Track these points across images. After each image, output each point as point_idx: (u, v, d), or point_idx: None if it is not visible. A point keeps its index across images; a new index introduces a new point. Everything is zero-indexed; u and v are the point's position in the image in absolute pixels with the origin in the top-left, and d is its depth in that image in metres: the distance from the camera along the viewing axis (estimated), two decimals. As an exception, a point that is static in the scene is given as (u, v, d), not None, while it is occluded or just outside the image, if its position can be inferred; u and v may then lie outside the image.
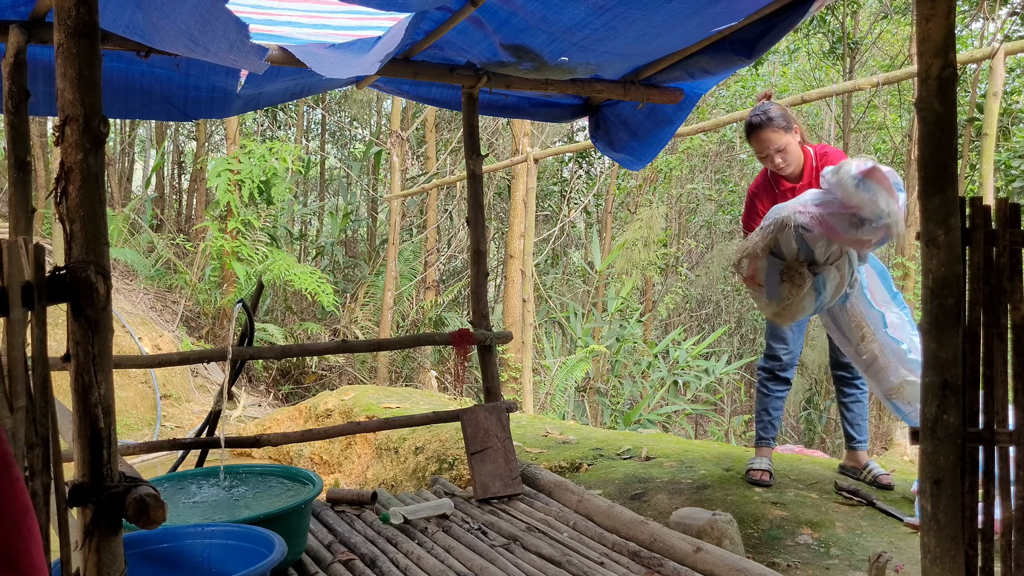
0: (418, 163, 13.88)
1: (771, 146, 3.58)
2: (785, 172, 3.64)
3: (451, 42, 3.52)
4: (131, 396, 8.03)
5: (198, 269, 11.04)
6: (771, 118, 3.57)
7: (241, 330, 3.74)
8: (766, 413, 3.96)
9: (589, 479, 4.12)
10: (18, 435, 1.50)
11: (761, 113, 3.60)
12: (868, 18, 12.37)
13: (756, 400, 4.01)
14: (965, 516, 1.85)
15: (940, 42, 1.83)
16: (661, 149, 4.54)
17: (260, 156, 10.44)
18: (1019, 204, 1.92)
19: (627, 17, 3.06)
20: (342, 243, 14.32)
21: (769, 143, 3.58)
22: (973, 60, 5.36)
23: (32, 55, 3.10)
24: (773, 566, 3.06)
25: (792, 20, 3.17)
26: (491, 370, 3.99)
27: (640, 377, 9.83)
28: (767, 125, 3.57)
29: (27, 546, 1.00)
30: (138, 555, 2.36)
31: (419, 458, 5.17)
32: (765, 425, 3.96)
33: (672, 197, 14.49)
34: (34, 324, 1.58)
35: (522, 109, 4.40)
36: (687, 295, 13.80)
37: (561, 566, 2.75)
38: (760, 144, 3.60)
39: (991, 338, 1.90)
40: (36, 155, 10.74)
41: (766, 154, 3.61)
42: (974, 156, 8.52)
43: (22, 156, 2.98)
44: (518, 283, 8.52)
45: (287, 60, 3.23)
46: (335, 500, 3.53)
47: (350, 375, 11.06)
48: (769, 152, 3.59)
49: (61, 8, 1.62)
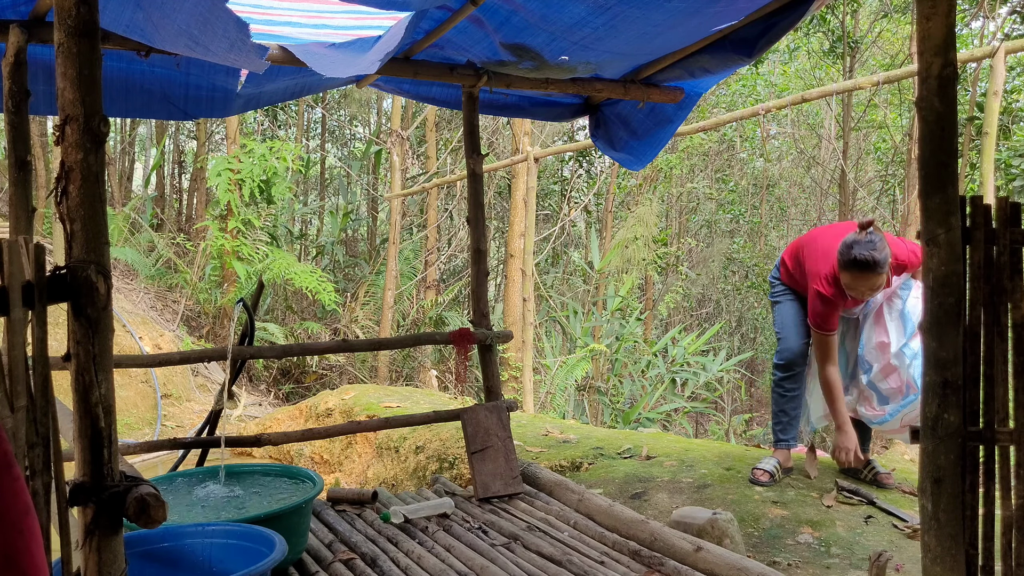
0: (418, 162, 13.88)
1: (869, 287, 3.42)
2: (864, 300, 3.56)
3: (451, 41, 3.51)
4: (132, 395, 8.03)
5: (198, 268, 11.04)
6: (879, 263, 3.35)
7: (242, 329, 3.74)
8: (784, 414, 3.90)
9: (589, 478, 4.12)
10: (19, 434, 1.50)
11: (869, 255, 3.34)
12: (868, 17, 12.37)
13: (772, 401, 3.97)
14: (966, 515, 1.84)
15: (940, 41, 1.83)
16: (661, 148, 4.54)
17: (260, 155, 10.43)
18: (1019, 203, 1.92)
19: (627, 16, 3.06)
20: (342, 242, 14.32)
21: (869, 287, 3.42)
22: (973, 59, 5.36)
23: (32, 54, 3.10)
24: (774, 565, 3.06)
25: (792, 19, 3.17)
26: (491, 369, 3.99)
27: (639, 376, 9.83)
28: (876, 270, 3.36)
29: (28, 545, 1.00)
30: (139, 554, 2.36)
31: (420, 457, 5.17)
32: (784, 427, 3.91)
33: (672, 196, 14.49)
34: (35, 324, 1.58)
35: (522, 108, 4.40)
36: (687, 294, 13.81)
37: (562, 565, 2.75)
38: (858, 282, 3.40)
39: (992, 337, 1.90)
40: (36, 154, 10.74)
41: (858, 289, 3.44)
42: (974, 155, 8.52)
43: (22, 155, 2.98)
44: (518, 282, 8.52)
45: (287, 59, 3.23)
46: (336, 499, 3.53)
47: (351, 374, 11.06)
48: (863, 289, 3.43)
49: (61, 7, 1.62)
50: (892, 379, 3.59)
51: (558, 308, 11.53)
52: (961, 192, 1.86)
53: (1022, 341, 1.89)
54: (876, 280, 3.40)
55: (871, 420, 3.70)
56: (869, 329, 3.66)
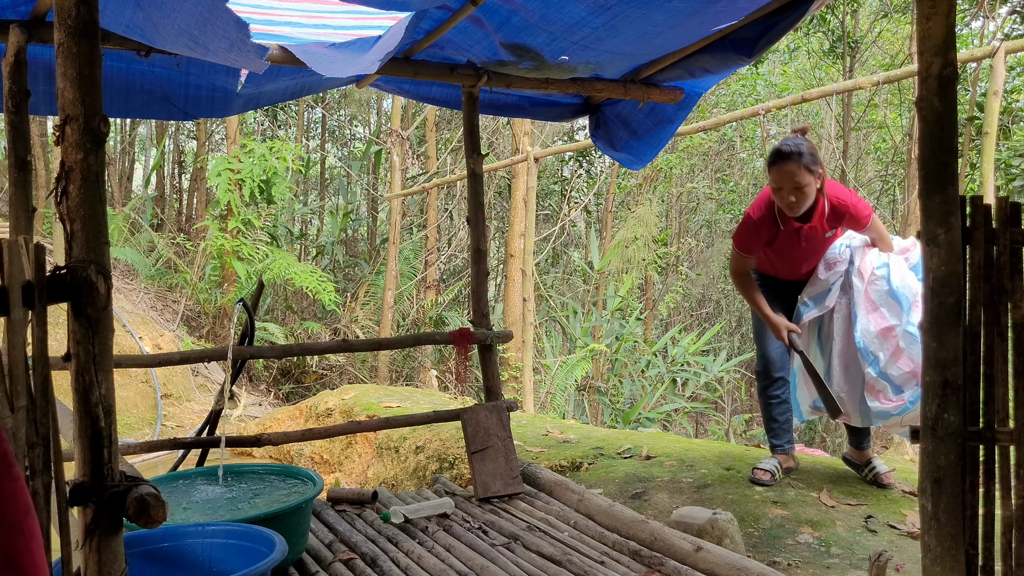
0: (418, 162, 13.88)
1: (791, 182, 3.40)
2: (793, 214, 3.49)
3: (451, 41, 3.52)
4: (132, 395, 8.03)
5: (198, 268, 11.05)
6: (801, 153, 3.38)
7: (242, 329, 3.74)
8: (773, 421, 3.88)
9: (589, 478, 4.12)
10: (19, 434, 1.50)
11: (793, 145, 3.41)
12: (868, 17, 12.37)
13: (761, 409, 3.93)
14: (966, 515, 1.85)
15: (940, 41, 1.83)
16: (661, 148, 4.54)
17: (260, 155, 10.44)
18: (1019, 203, 1.92)
19: (627, 16, 3.06)
20: (342, 242, 14.32)
21: (791, 177, 3.39)
22: (973, 59, 5.37)
23: (32, 54, 3.10)
24: (774, 565, 3.06)
25: (792, 19, 3.17)
26: (491, 369, 3.99)
27: (639, 376, 9.84)
28: (795, 159, 3.38)
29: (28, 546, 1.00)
30: (139, 554, 2.36)
31: (420, 457, 5.17)
32: (776, 432, 3.88)
33: (672, 196, 14.49)
34: (35, 324, 1.58)
35: (522, 108, 4.40)
36: (687, 294, 13.80)
37: (562, 565, 2.75)
38: (781, 176, 3.41)
39: (992, 337, 1.90)
40: (36, 154, 10.75)
41: (782, 187, 3.42)
42: (974, 155, 8.52)
43: (23, 155, 2.98)
44: (518, 282, 8.52)
45: (287, 60, 3.23)
46: (336, 499, 3.53)
47: (351, 374, 11.06)
48: (786, 187, 3.41)
49: (61, 7, 1.62)
50: (903, 362, 3.42)
51: (558, 308, 11.53)
52: (961, 192, 1.87)
53: (1022, 341, 1.89)
54: (799, 174, 3.37)
55: (890, 413, 3.46)
56: (863, 318, 3.51)
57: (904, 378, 3.44)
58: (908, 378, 3.43)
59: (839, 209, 3.52)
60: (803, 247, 3.61)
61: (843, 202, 3.51)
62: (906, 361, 3.42)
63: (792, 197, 3.42)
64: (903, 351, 3.43)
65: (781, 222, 3.57)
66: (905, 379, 3.43)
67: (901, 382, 3.45)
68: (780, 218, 3.57)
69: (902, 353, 3.43)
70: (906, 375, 3.43)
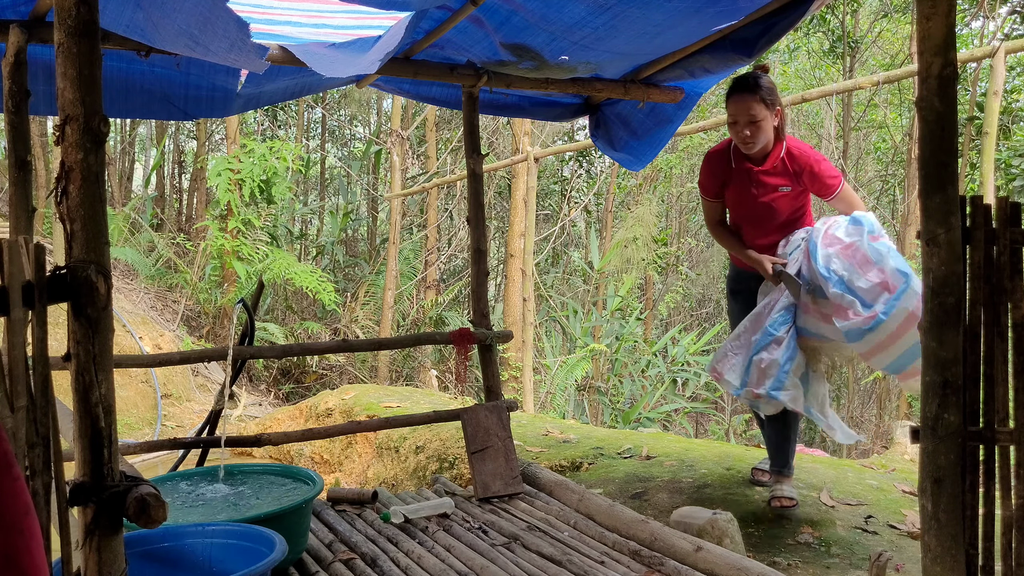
0: (418, 162, 13.88)
1: (746, 114, 3.30)
2: (747, 150, 3.37)
3: (451, 41, 3.52)
4: (132, 395, 8.03)
5: (198, 268, 11.05)
6: (759, 86, 3.30)
7: (242, 329, 3.74)
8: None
9: (590, 478, 4.12)
10: (19, 434, 1.50)
11: (751, 78, 3.33)
12: (868, 17, 12.37)
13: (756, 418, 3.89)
14: (966, 515, 1.85)
15: (940, 41, 1.83)
16: (661, 148, 4.54)
17: (260, 155, 10.44)
18: (1019, 203, 1.92)
19: (627, 16, 3.06)
20: (342, 242, 14.32)
21: (746, 110, 3.30)
22: (973, 59, 5.37)
23: (32, 54, 3.10)
24: (774, 565, 3.06)
25: (792, 19, 3.17)
26: (491, 369, 3.99)
27: (639, 376, 9.84)
28: (752, 91, 3.30)
29: (28, 546, 1.00)
30: (139, 554, 2.36)
31: (420, 457, 5.17)
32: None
33: (672, 196, 14.48)
34: (35, 324, 1.58)
35: (522, 108, 4.40)
36: (687, 294, 13.80)
37: (562, 565, 2.75)
38: (736, 108, 3.32)
39: (992, 337, 1.90)
40: (36, 154, 10.75)
41: (737, 120, 3.33)
42: (974, 155, 8.52)
43: (22, 155, 2.98)
44: (518, 282, 8.52)
45: (287, 59, 3.23)
46: (336, 499, 3.53)
47: (351, 374, 11.06)
48: (741, 120, 3.32)
49: (61, 7, 1.62)
50: (872, 274, 3.11)
51: (558, 308, 11.53)
52: (961, 192, 1.87)
53: (1022, 341, 1.89)
54: (755, 107, 3.29)
55: (861, 328, 3.06)
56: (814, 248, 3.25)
57: (874, 291, 3.09)
58: (878, 290, 3.09)
59: (797, 159, 3.38)
60: (755, 196, 3.45)
61: (803, 152, 3.39)
62: (876, 273, 3.11)
63: (747, 131, 3.33)
64: (872, 263, 3.13)
65: (734, 159, 3.48)
66: (875, 292, 3.09)
67: (871, 297, 3.09)
68: (734, 155, 3.49)
69: (872, 266, 3.13)
70: (876, 287, 3.09)
